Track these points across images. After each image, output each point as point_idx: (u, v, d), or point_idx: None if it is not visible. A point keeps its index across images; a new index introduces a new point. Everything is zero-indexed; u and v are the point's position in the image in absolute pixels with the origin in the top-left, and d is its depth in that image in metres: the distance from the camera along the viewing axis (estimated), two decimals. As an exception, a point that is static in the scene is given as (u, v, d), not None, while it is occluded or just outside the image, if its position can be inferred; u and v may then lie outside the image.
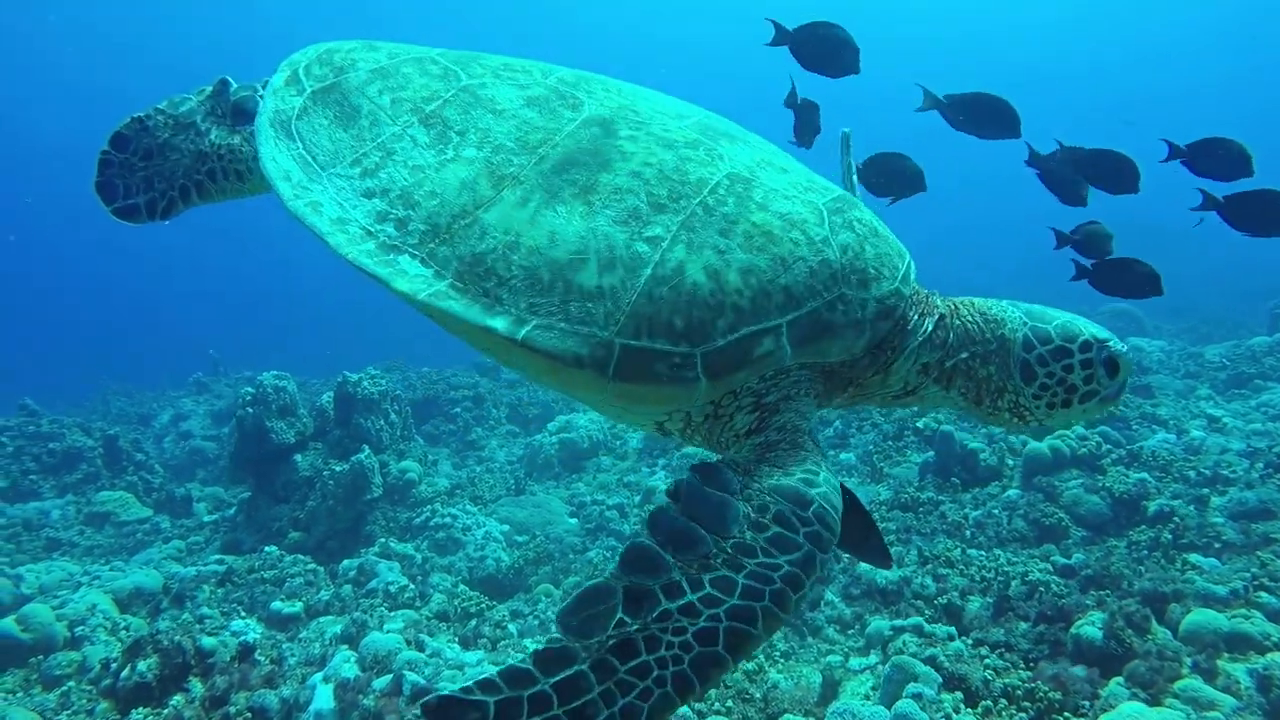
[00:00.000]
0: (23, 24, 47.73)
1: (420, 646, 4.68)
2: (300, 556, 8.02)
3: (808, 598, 6.12)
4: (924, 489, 8.70)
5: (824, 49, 5.23)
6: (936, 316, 2.22)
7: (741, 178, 2.06)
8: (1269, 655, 4.32)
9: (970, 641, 5.27)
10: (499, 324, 1.87)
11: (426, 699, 1.46)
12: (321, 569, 7.88)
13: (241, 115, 2.54)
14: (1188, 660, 4.23)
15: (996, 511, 8.00)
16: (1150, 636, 4.43)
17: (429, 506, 9.53)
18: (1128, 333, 17.67)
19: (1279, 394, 10.78)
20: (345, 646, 4.91)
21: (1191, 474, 7.91)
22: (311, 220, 2.03)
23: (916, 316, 2.17)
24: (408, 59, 2.33)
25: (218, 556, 8.83)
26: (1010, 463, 8.97)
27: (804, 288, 1.95)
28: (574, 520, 9.87)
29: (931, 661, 4.52)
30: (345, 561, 7.65)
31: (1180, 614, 4.85)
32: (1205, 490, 7.58)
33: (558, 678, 1.47)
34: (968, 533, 7.64)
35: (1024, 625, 5.40)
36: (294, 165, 2.12)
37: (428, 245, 1.96)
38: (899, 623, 4.91)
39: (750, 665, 5.03)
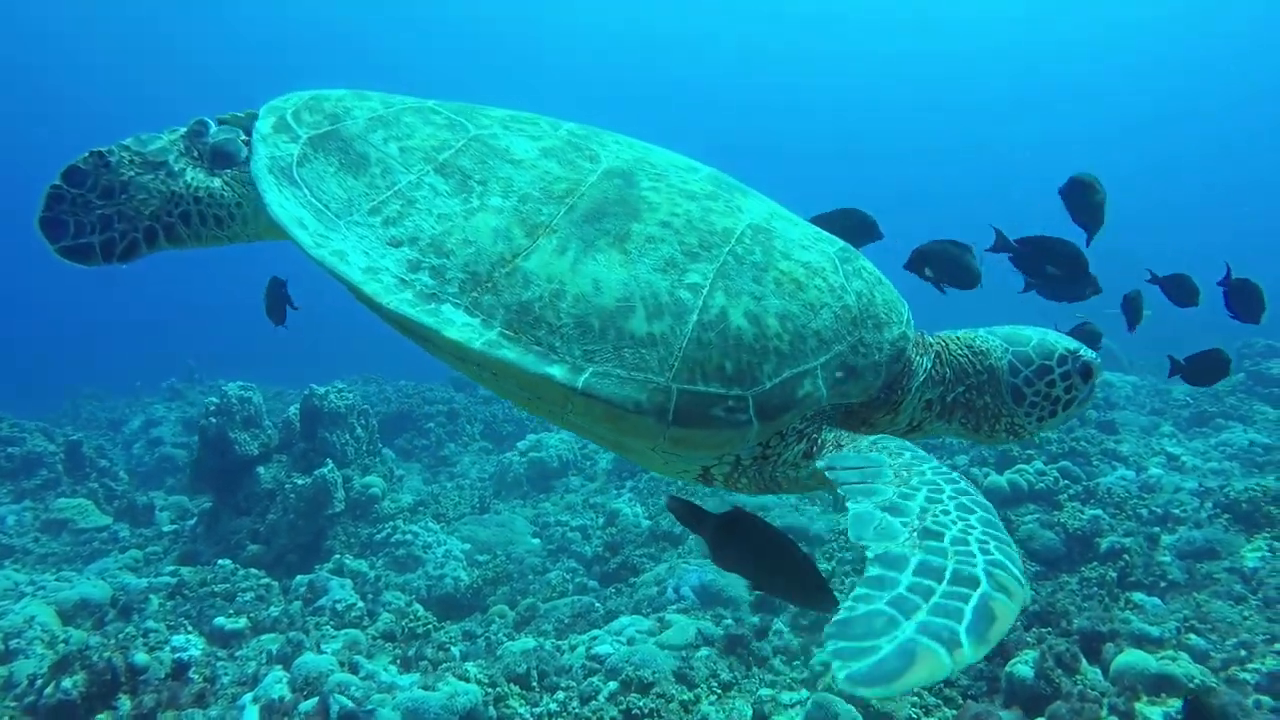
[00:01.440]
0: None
1: (354, 668, 4.65)
2: (254, 571, 7.95)
3: (756, 626, 6.12)
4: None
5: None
6: (933, 355, 2.37)
7: (762, 228, 2.16)
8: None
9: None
10: (557, 372, 1.89)
11: (834, 635, 1.38)
12: (276, 584, 7.81)
13: (222, 158, 2.44)
14: (1106, 703, 4.26)
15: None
16: (1079, 676, 4.46)
17: (391, 523, 9.48)
18: (1104, 368, 17.82)
19: (1237, 433, 10.91)
20: (279, 666, 4.87)
21: (1144, 512, 7.99)
22: (341, 270, 1.99)
23: (918, 356, 2.31)
24: (405, 108, 2.33)
25: (172, 568, 8.75)
26: (970, 495, 9.02)
27: (831, 332, 2.07)
28: (536, 541, 9.84)
29: (858, 699, 4.53)
30: (298, 577, 7.59)
31: (1114, 654, 4.89)
32: (1156, 529, 7.66)
33: (911, 567, 1.50)
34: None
35: (965, 661, 5.42)
36: (305, 213, 2.07)
37: (470, 294, 1.95)
38: (827, 657, 4.90)
39: (687, 696, 5.03)
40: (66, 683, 4.45)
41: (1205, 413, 12.10)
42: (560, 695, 5.23)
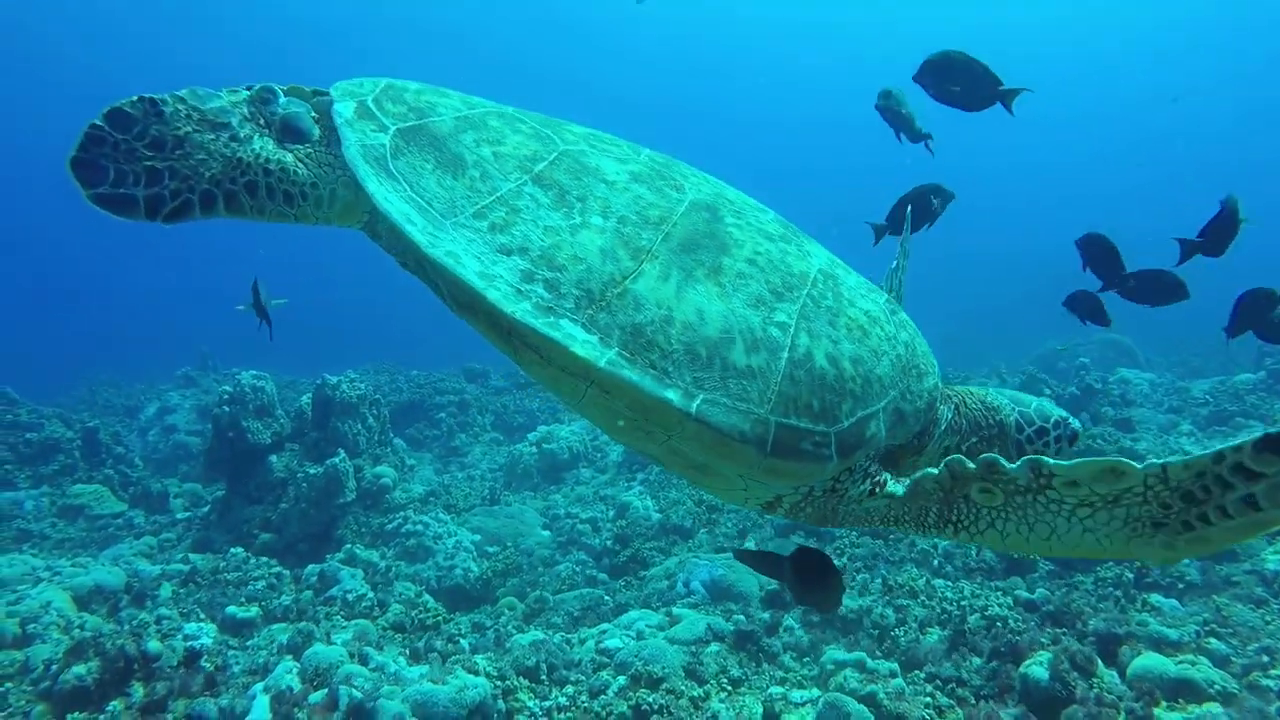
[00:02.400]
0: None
1: (364, 660, 4.64)
2: (266, 559, 7.99)
3: (767, 622, 6.09)
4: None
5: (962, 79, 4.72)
6: (953, 406, 2.58)
7: (829, 274, 2.30)
8: (1205, 705, 4.29)
9: (923, 675, 5.25)
10: (674, 397, 1.95)
11: None
12: (288, 572, 7.84)
13: (292, 133, 2.31)
14: (1124, 708, 4.19)
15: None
16: (1096, 679, 4.40)
17: (401, 513, 9.50)
18: (1119, 364, 17.64)
19: (1258, 432, 10.73)
20: (289, 656, 4.87)
21: (1162, 512, 7.88)
22: (459, 272, 1.96)
23: (942, 406, 2.51)
24: (489, 111, 2.32)
25: (185, 555, 8.81)
26: (984, 492, 8.94)
27: (889, 378, 2.24)
28: (547, 533, 9.84)
29: (871, 699, 4.49)
30: (310, 566, 7.61)
31: (1131, 657, 4.82)
32: (1174, 529, 7.56)
33: None
34: (935, 562, 7.61)
35: (977, 660, 5.37)
36: (411, 209, 2.04)
37: (585, 311, 1.97)
38: (841, 656, 4.88)
39: (696, 692, 5.01)
40: (80, 669, 4.47)
41: (1225, 411, 11.93)
42: (569, 689, 5.21)
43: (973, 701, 4.98)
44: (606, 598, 7.46)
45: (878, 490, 2.22)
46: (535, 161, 2.17)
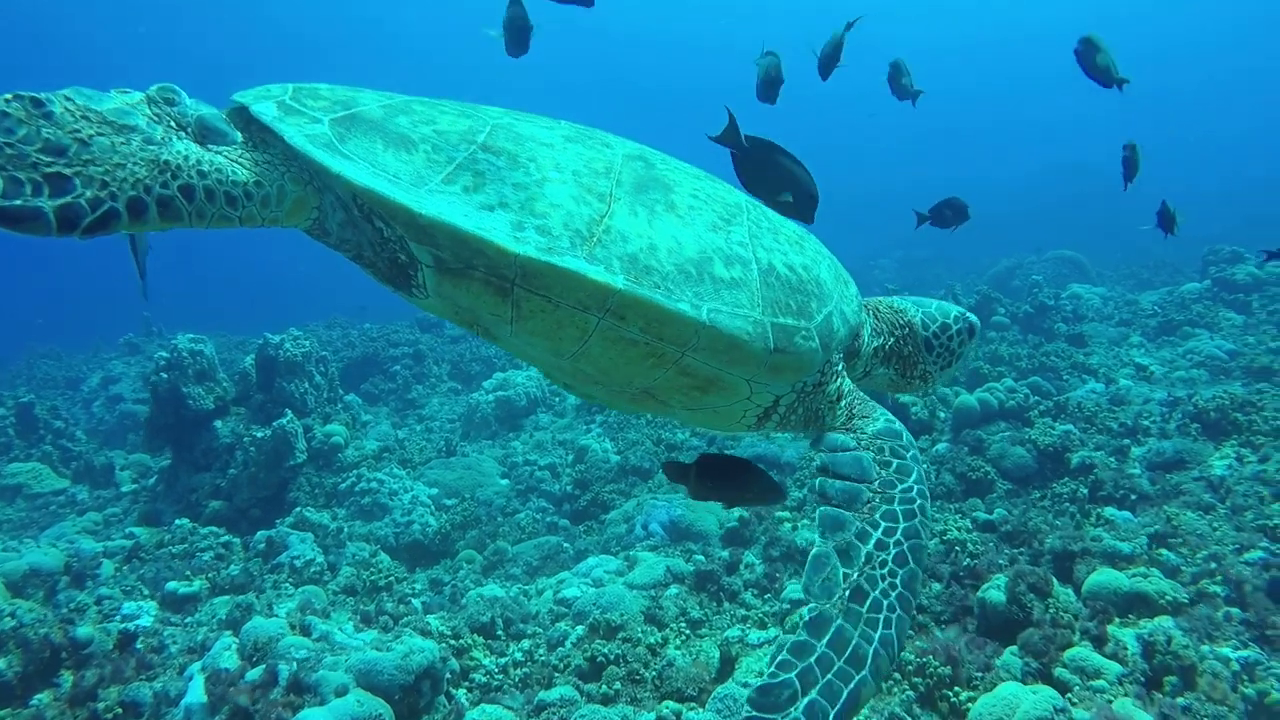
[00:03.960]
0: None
1: (306, 630, 4.46)
2: (214, 529, 7.73)
3: (726, 561, 6.02)
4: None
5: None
6: (871, 312, 2.88)
7: (751, 201, 2.52)
8: (1156, 619, 4.30)
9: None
10: (685, 308, 2.08)
11: (752, 702, 1.97)
12: (237, 540, 7.61)
13: (212, 134, 2.12)
14: (1079, 627, 4.18)
15: (924, 466, 7.96)
16: (1052, 600, 4.37)
17: (355, 471, 9.26)
18: (1071, 279, 17.77)
19: (1204, 340, 10.88)
20: (229, 632, 4.67)
21: (1114, 425, 7.93)
22: (458, 224, 1.97)
23: (865, 313, 2.80)
24: (409, 99, 2.34)
25: (129, 530, 8.51)
26: (941, 415, 8.95)
27: (831, 283, 2.47)
28: (505, 481, 9.69)
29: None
30: (259, 533, 7.38)
31: (1086, 573, 4.82)
32: (1126, 441, 7.62)
33: (827, 637, 2.01)
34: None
35: (937, 586, 5.35)
36: (385, 183, 2.00)
37: (583, 248, 2.05)
38: (795, 595, 4.82)
39: (655, 638, 4.92)
40: (0, 663, 4.23)
41: (1172, 321, 12.05)
42: (526, 644, 5.10)
43: (933, 627, 4.96)
44: (566, 545, 7.36)
45: (841, 397, 2.52)
46: (475, 134, 2.19)
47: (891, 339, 2.91)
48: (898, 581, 2.11)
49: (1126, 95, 6.24)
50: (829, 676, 1.97)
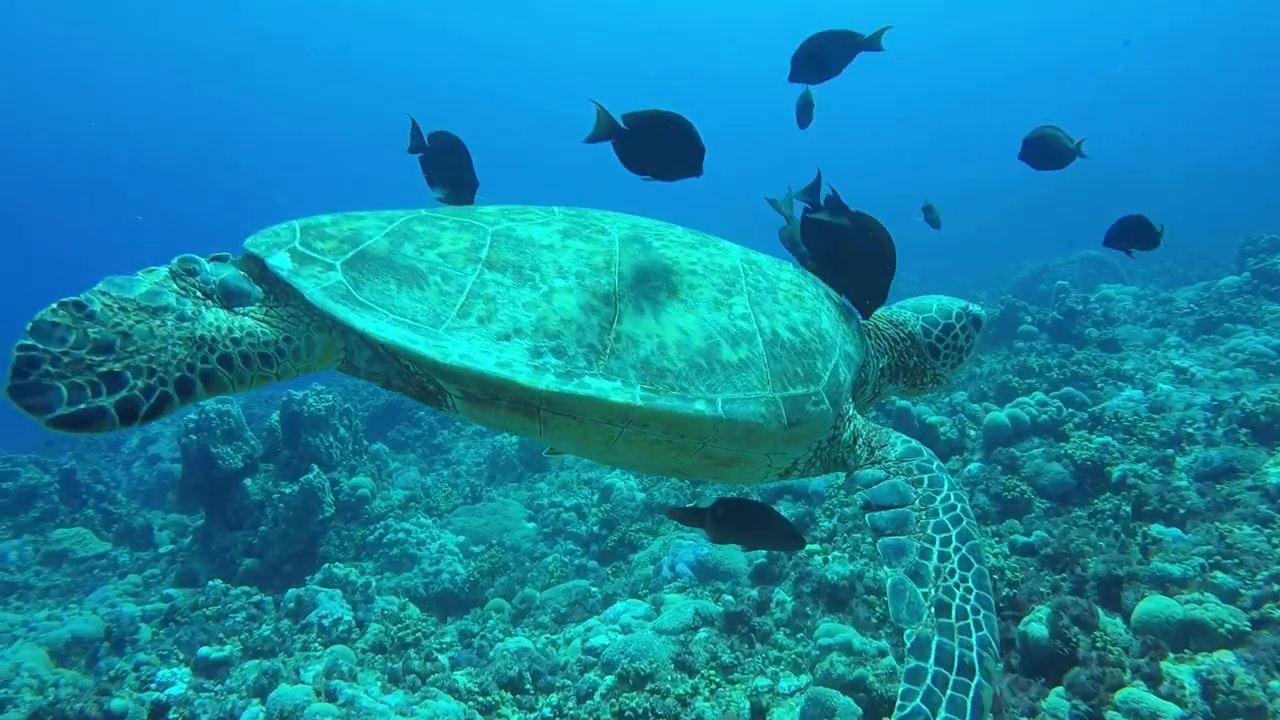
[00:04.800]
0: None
1: (332, 696, 4.40)
2: (246, 589, 7.74)
3: (756, 600, 5.87)
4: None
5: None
6: (872, 333, 2.93)
7: (748, 260, 2.58)
8: (1216, 654, 4.05)
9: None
10: (701, 407, 2.18)
11: None
12: (269, 599, 7.61)
13: (237, 296, 2.22)
14: (1130, 664, 3.96)
15: (958, 489, 7.74)
16: (1098, 632, 4.16)
17: (383, 522, 9.26)
18: (1100, 280, 17.36)
19: (1247, 337, 10.50)
20: (256, 700, 4.63)
21: (1155, 434, 7.65)
22: (481, 369, 2.06)
23: (867, 339, 2.87)
24: (408, 219, 2.40)
25: (166, 592, 8.57)
26: (972, 433, 8.71)
27: (832, 329, 2.55)
28: (532, 525, 9.61)
29: (860, 684, 4.25)
30: (289, 591, 7.37)
31: (1134, 600, 4.59)
32: (1170, 451, 7.34)
33: (932, 655, 2.10)
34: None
35: (976, 617, 5.15)
36: (405, 330, 2.10)
37: (598, 363, 2.15)
38: (832, 629, 4.65)
39: (684, 687, 4.78)
40: (32, 743, 4.22)
41: (1211, 318, 11.67)
42: (554, 698, 4.99)
43: (974, 662, 4.76)
44: (594, 590, 7.24)
45: (858, 439, 2.58)
46: (477, 250, 2.28)
47: (895, 354, 2.96)
48: (971, 584, 2.21)
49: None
50: (949, 692, 2.06)
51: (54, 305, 1.96)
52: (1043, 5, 55.20)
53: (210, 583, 7.88)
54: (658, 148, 2.81)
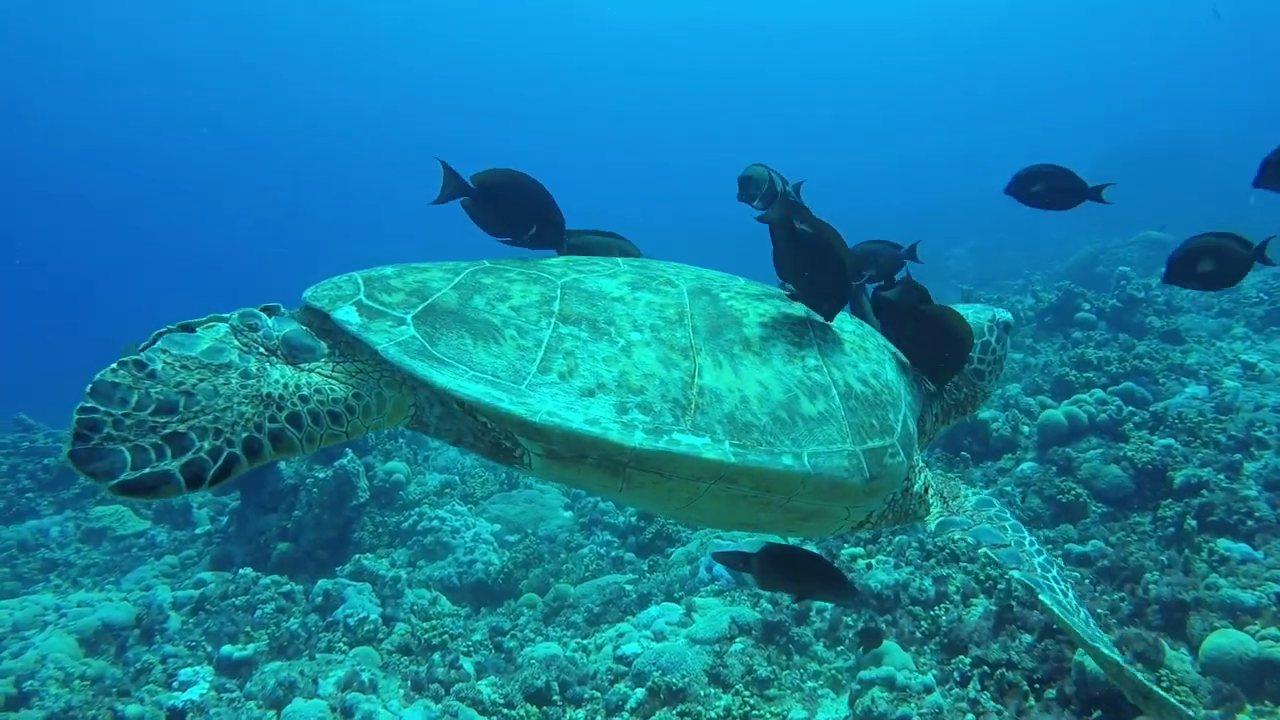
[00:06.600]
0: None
1: (349, 712, 4.28)
2: (277, 578, 7.71)
3: (795, 609, 5.64)
4: (931, 466, 8.13)
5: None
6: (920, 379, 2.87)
7: (805, 310, 2.51)
8: (1299, 708, 3.74)
9: (969, 661, 4.76)
10: (790, 463, 2.13)
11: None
12: (299, 588, 7.58)
13: (302, 352, 2.14)
14: (1202, 716, 3.65)
15: (1009, 489, 7.40)
16: (1165, 670, 3.86)
17: (417, 510, 9.19)
18: (1160, 262, 16.59)
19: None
20: (272, 713, 4.54)
21: (1222, 438, 7.21)
22: (571, 427, 2.00)
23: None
24: (474, 270, 2.34)
25: (199, 576, 8.59)
26: (1025, 430, 8.34)
27: (897, 378, 2.53)
28: (568, 514, 9.47)
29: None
30: (320, 582, 7.31)
31: (1202, 629, 4.27)
32: (1238, 456, 6.91)
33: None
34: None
35: (1028, 638, 4.87)
36: (487, 388, 2.03)
37: (685, 419, 2.09)
38: (867, 675, 4.39)
39: (718, 705, 4.56)
40: (48, 751, 4.18)
41: (1282, 309, 11.07)
42: (581, 713, 4.83)
43: (1024, 686, 4.49)
44: (629, 588, 7.07)
45: (929, 491, 2.61)
46: (549, 303, 2.23)
47: (945, 396, 2.93)
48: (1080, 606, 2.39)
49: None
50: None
51: (114, 365, 1.89)
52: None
53: (241, 571, 7.87)
54: (509, 211, 2.66)
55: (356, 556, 7.88)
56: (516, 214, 2.78)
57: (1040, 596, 2.30)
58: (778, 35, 59.67)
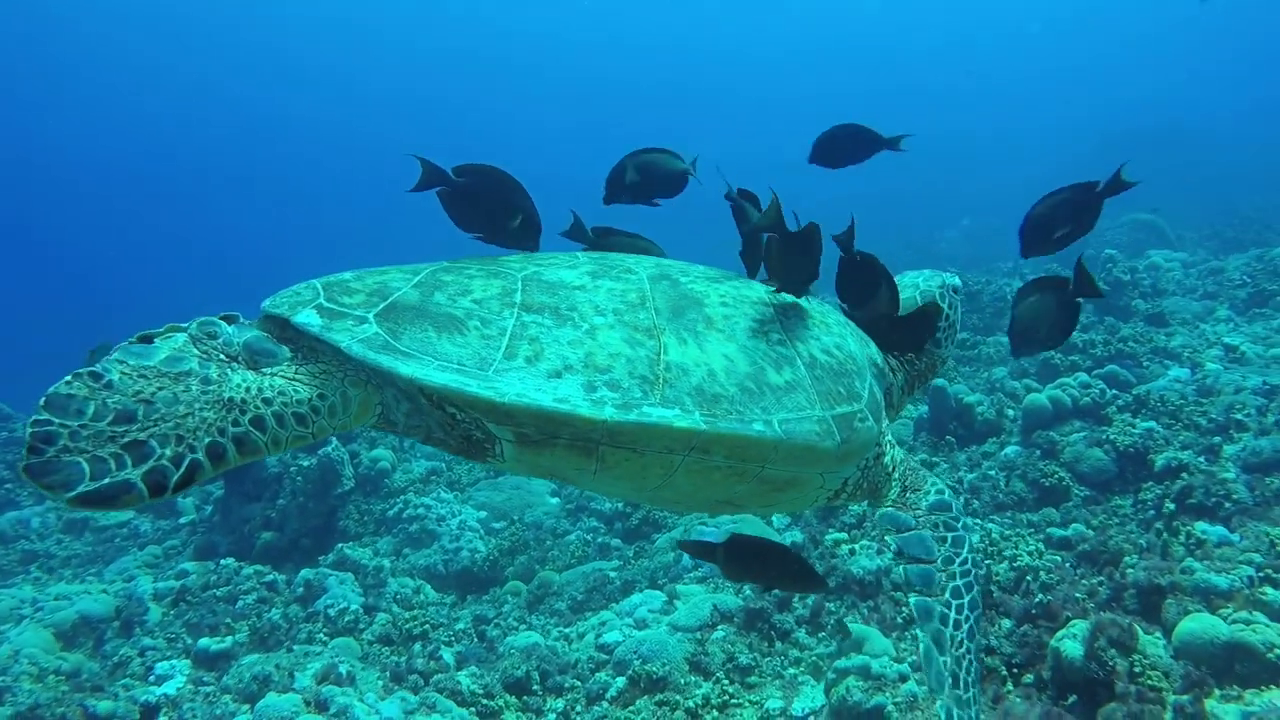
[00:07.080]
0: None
1: (324, 705, 4.26)
2: (259, 568, 7.67)
3: (778, 595, 5.64)
4: (916, 450, 8.13)
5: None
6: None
7: (767, 290, 2.57)
8: (1267, 694, 3.74)
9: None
10: (761, 429, 2.18)
11: None
12: (282, 578, 7.54)
13: (263, 356, 2.13)
14: (1171, 702, 3.67)
15: (993, 473, 7.43)
16: (1138, 655, 3.87)
17: (402, 497, 9.15)
18: (1148, 245, 16.65)
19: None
20: (246, 707, 4.52)
21: (1203, 420, 7.24)
22: (540, 406, 2.01)
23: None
24: (433, 269, 2.36)
25: (181, 567, 8.54)
26: (1010, 413, 8.35)
27: (859, 350, 2.60)
28: (555, 500, 9.45)
29: (878, 713, 4.02)
30: (303, 572, 7.28)
31: (1177, 613, 4.29)
32: (1217, 439, 6.94)
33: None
34: (961, 499, 7.08)
35: (1008, 624, 4.88)
36: (454, 375, 2.04)
37: (654, 393, 2.12)
38: (843, 663, 4.40)
39: (697, 693, 4.57)
40: (19, 749, 4.15)
41: (1264, 291, 11.09)
42: (561, 703, 4.82)
43: (1003, 671, 4.51)
44: (613, 575, 7.06)
45: (894, 469, 2.67)
46: (511, 295, 2.24)
47: (907, 366, 2.99)
48: (971, 658, 2.42)
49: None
50: None
51: (68, 377, 1.84)
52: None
53: (223, 561, 7.82)
54: (488, 205, 2.61)
55: (340, 545, 7.85)
56: (495, 208, 2.73)
57: (916, 629, 2.43)
58: (767, 13, 59.39)
